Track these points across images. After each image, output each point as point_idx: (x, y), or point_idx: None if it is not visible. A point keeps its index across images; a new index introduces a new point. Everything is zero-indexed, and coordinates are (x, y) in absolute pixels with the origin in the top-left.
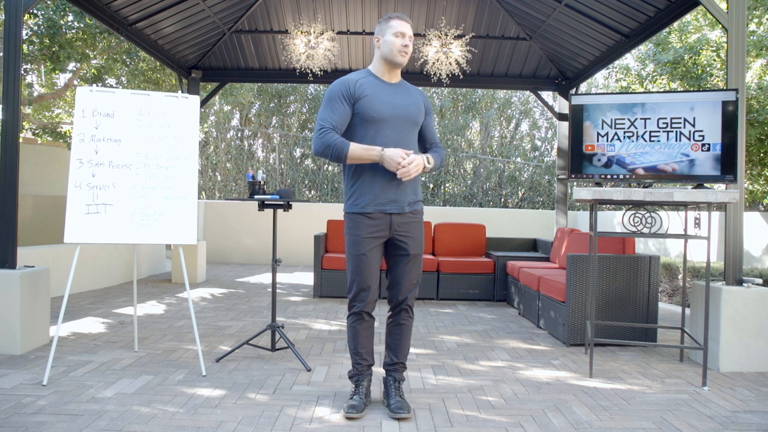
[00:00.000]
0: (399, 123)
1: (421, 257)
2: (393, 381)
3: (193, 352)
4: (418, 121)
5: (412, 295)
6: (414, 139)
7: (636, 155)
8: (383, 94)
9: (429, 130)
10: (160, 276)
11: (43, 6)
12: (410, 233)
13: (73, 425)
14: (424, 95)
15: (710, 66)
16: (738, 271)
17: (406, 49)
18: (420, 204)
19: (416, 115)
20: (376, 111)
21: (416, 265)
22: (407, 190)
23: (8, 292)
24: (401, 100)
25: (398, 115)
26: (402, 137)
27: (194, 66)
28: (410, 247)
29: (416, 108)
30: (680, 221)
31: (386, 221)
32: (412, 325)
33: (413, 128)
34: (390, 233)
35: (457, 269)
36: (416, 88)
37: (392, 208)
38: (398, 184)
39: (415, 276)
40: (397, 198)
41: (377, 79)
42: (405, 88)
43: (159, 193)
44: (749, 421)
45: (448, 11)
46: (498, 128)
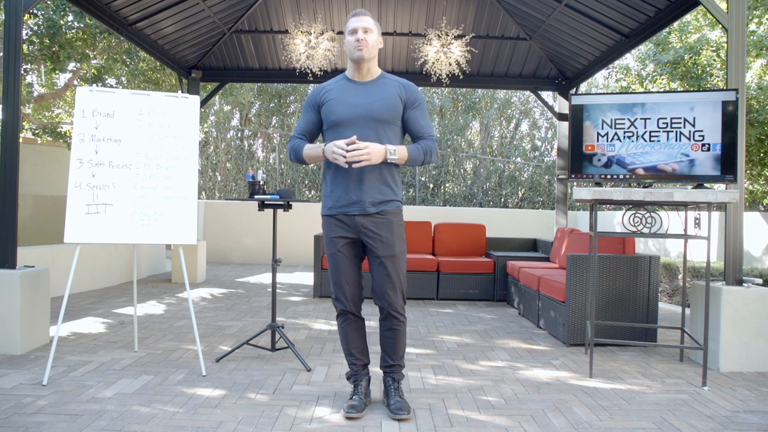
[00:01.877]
0: (359, 123)
1: (397, 260)
2: (392, 381)
3: (193, 352)
4: (384, 119)
5: (396, 301)
6: (384, 137)
7: (636, 155)
8: (347, 96)
9: (414, 124)
10: (160, 276)
11: (43, 6)
12: (377, 234)
13: (73, 425)
14: (407, 88)
15: (710, 66)
16: (738, 271)
17: (360, 43)
18: (393, 204)
19: (381, 112)
20: (334, 114)
21: (390, 269)
22: (369, 189)
23: (8, 292)
24: (366, 98)
25: (358, 115)
26: (363, 137)
27: (194, 66)
28: (378, 249)
29: (383, 104)
30: (680, 221)
31: (352, 222)
32: (405, 328)
33: (378, 126)
34: (358, 234)
35: (457, 269)
36: (399, 81)
37: (354, 209)
38: (357, 184)
39: (389, 280)
40: (359, 199)
41: (348, 80)
42: (378, 84)
43: (159, 193)
44: (749, 421)
45: (448, 11)
46: (498, 128)
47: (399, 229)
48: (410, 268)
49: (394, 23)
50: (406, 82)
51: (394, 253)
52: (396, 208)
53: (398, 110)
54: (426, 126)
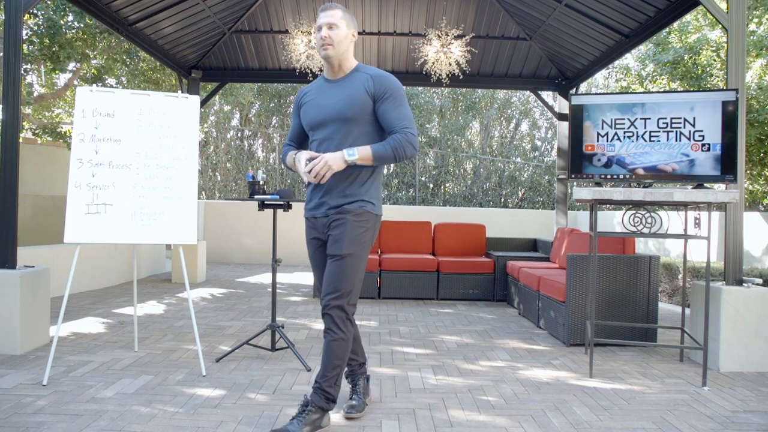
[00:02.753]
0: (328, 124)
1: (347, 261)
2: (305, 403)
3: (193, 352)
4: (349, 117)
5: (333, 305)
6: (353, 137)
7: (636, 155)
8: (320, 97)
9: (384, 118)
10: (160, 276)
11: (43, 6)
12: (332, 233)
13: (73, 425)
14: (377, 80)
15: (710, 66)
16: (738, 271)
17: (325, 40)
18: (355, 204)
19: (345, 111)
20: (307, 118)
21: (338, 268)
22: (333, 192)
23: (8, 292)
24: (334, 97)
25: (326, 116)
26: (332, 138)
27: (194, 66)
28: (331, 247)
29: (347, 102)
30: (680, 221)
31: (320, 225)
32: (340, 344)
33: (345, 126)
34: (324, 236)
35: (457, 269)
36: (370, 73)
37: (319, 212)
38: (323, 187)
39: (332, 281)
40: (323, 202)
41: (324, 81)
42: (347, 81)
43: (159, 193)
44: (749, 421)
45: (448, 11)
46: (498, 128)
47: (355, 230)
48: (410, 268)
49: (394, 23)
50: (377, 73)
51: (340, 253)
52: (358, 207)
53: (366, 106)
54: (397, 119)
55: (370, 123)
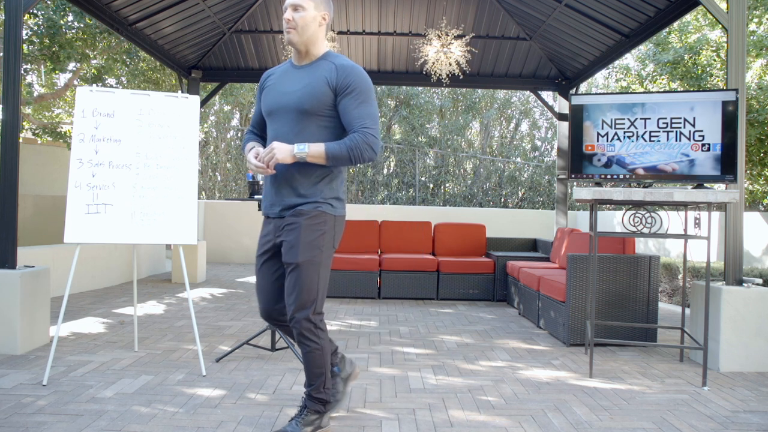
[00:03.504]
0: (284, 114)
1: (305, 270)
2: (301, 405)
3: (193, 352)
4: (305, 109)
5: (301, 317)
6: (306, 131)
7: (636, 155)
8: (281, 84)
9: (344, 114)
10: (160, 276)
11: (43, 6)
12: (285, 238)
13: (73, 425)
14: (341, 71)
15: (710, 66)
16: (738, 271)
17: (289, 23)
18: (309, 205)
19: (302, 102)
20: (265, 104)
21: (296, 279)
22: (285, 191)
23: (8, 292)
24: (294, 85)
25: (283, 104)
26: (286, 130)
27: (194, 66)
28: (286, 255)
29: (306, 92)
30: (680, 221)
31: (273, 225)
32: (314, 353)
33: (300, 118)
34: (275, 239)
35: (457, 269)
36: (334, 63)
37: (272, 211)
38: (274, 184)
39: (294, 292)
40: (276, 200)
41: (290, 65)
42: (311, 68)
43: (159, 193)
44: (749, 421)
45: (448, 11)
46: (498, 128)
47: (310, 234)
48: (410, 268)
49: (394, 23)
50: (343, 63)
51: (296, 261)
52: (313, 209)
53: (324, 98)
54: (358, 116)
55: (332, 118)
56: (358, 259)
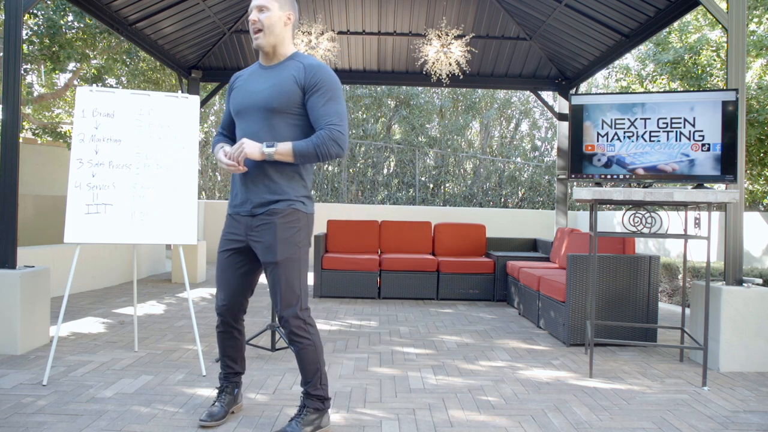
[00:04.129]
0: (252, 113)
1: (282, 268)
2: (300, 405)
3: (193, 352)
4: (274, 108)
5: (290, 316)
6: (274, 130)
7: (636, 155)
8: (249, 84)
9: (312, 112)
10: (160, 276)
11: (43, 6)
12: (260, 238)
13: (73, 425)
14: (308, 70)
15: (710, 66)
16: (738, 271)
17: (255, 24)
18: (282, 203)
19: (270, 100)
20: (234, 104)
21: (276, 278)
22: (257, 188)
23: (8, 292)
24: (261, 85)
25: (251, 104)
26: (255, 129)
27: (194, 66)
28: (260, 253)
29: (274, 91)
30: (680, 221)
31: (243, 224)
32: (309, 349)
33: (269, 117)
34: (246, 239)
35: (457, 269)
36: (301, 63)
37: (243, 209)
38: (244, 183)
39: (279, 292)
40: (247, 198)
41: (258, 66)
42: (279, 69)
43: (159, 193)
44: (749, 421)
45: (448, 11)
46: (498, 128)
47: (285, 232)
48: (410, 268)
49: (394, 23)
50: (311, 62)
51: (275, 260)
52: (286, 207)
53: (293, 96)
54: (325, 113)
55: (301, 116)
56: (358, 259)
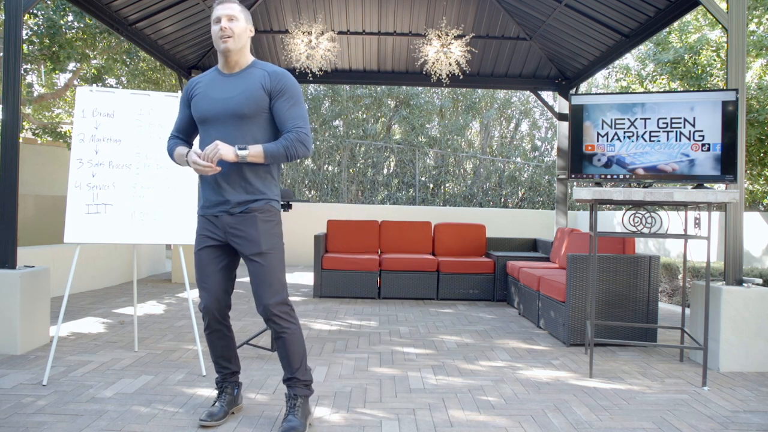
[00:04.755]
0: (222, 119)
1: (266, 258)
2: (288, 398)
3: (193, 352)
4: (244, 113)
5: (270, 302)
6: (246, 134)
7: (636, 155)
8: (212, 90)
9: (277, 116)
10: (160, 276)
11: (43, 6)
12: (242, 233)
13: (73, 425)
14: (273, 76)
15: (710, 66)
16: (738, 271)
17: (226, 32)
18: (260, 202)
19: (240, 107)
20: (198, 111)
21: (261, 268)
22: (233, 190)
23: (8, 292)
24: (228, 92)
25: (220, 110)
26: (225, 134)
27: (194, 66)
28: (244, 247)
29: (243, 98)
30: (680, 221)
31: (219, 223)
32: (295, 335)
33: (239, 122)
34: (225, 236)
35: (457, 269)
36: (267, 70)
37: (218, 209)
38: (219, 184)
39: (265, 280)
40: (223, 198)
41: (218, 73)
42: (243, 76)
43: (159, 193)
44: (749, 421)
45: (448, 11)
46: (498, 128)
47: (266, 225)
48: (410, 268)
49: (394, 23)
50: (274, 69)
51: (260, 250)
52: (263, 204)
53: (262, 102)
54: (292, 117)
55: (267, 120)
56: (358, 259)
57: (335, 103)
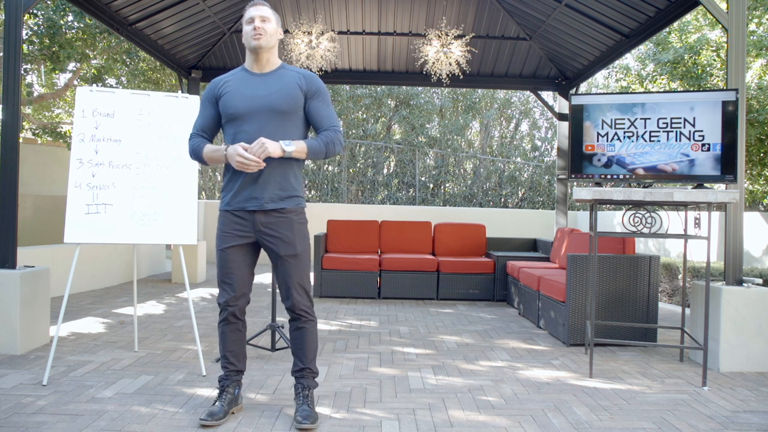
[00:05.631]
0: (258, 115)
1: (300, 258)
2: (302, 388)
3: (193, 352)
4: (284, 110)
5: (303, 300)
6: (285, 130)
7: (636, 155)
8: (245, 88)
9: (315, 115)
10: (160, 276)
11: (43, 6)
12: (277, 233)
13: (73, 425)
14: (308, 78)
15: (710, 66)
16: (738, 271)
17: (258, 30)
18: (294, 200)
19: (280, 104)
20: (232, 107)
21: (293, 268)
22: (269, 185)
23: (8, 292)
24: (264, 90)
25: (256, 107)
26: (264, 130)
27: (194, 66)
28: (279, 248)
29: (282, 95)
30: (680, 221)
31: (249, 220)
32: (315, 329)
33: (279, 119)
34: (255, 234)
35: (457, 269)
36: (298, 72)
37: (251, 205)
38: (256, 179)
39: (295, 279)
40: (257, 194)
41: (246, 72)
42: (277, 76)
43: (159, 193)
44: (749, 421)
45: (448, 11)
46: (498, 128)
47: (300, 227)
48: (410, 268)
49: (394, 23)
50: (306, 72)
51: (295, 252)
52: (296, 205)
53: (299, 101)
54: (328, 116)
55: (301, 119)
56: (358, 259)
57: (335, 103)
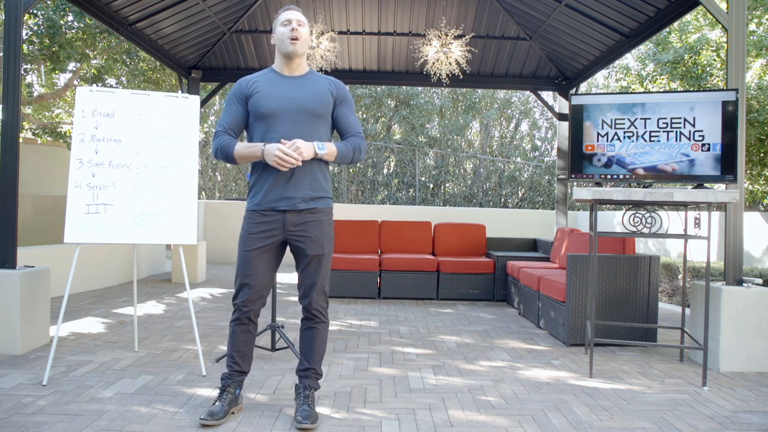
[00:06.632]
0: (292, 116)
1: (325, 259)
2: (303, 388)
3: (193, 352)
4: (317, 112)
5: (320, 300)
6: (316, 131)
7: (636, 155)
8: (277, 88)
9: (343, 121)
10: (160, 276)
11: (43, 6)
12: (307, 233)
13: (73, 425)
14: (337, 85)
15: (710, 66)
16: (738, 271)
17: (295, 33)
18: (324, 201)
19: (314, 105)
20: (265, 106)
21: (318, 268)
22: (301, 185)
23: (8, 292)
24: (297, 92)
25: (290, 107)
26: (296, 130)
27: (194, 66)
28: (307, 248)
29: (315, 98)
30: (680, 221)
31: (279, 220)
32: (326, 330)
33: (311, 120)
34: (284, 234)
35: (457, 269)
36: (327, 78)
37: (283, 204)
38: (288, 179)
39: (318, 279)
40: (289, 194)
41: (276, 74)
42: (308, 79)
43: (159, 193)
44: (749, 421)
45: (448, 11)
46: (498, 128)
47: (329, 228)
48: (410, 268)
49: (394, 23)
50: (334, 79)
51: (323, 252)
52: (326, 206)
53: (329, 105)
54: (355, 123)
55: (329, 123)
56: (358, 259)
57: None
